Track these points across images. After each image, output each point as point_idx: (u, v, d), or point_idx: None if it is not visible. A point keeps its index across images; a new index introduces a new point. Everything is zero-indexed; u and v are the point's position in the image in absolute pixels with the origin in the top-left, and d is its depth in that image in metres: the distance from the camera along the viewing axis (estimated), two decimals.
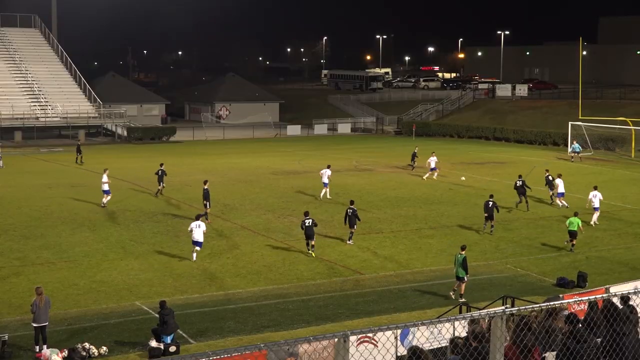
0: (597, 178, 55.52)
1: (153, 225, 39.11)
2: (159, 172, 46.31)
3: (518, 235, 37.76)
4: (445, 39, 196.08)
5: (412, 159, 58.29)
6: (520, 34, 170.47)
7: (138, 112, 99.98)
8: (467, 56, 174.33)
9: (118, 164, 61.98)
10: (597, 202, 39.86)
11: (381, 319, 25.05)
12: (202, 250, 33.88)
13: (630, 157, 67.05)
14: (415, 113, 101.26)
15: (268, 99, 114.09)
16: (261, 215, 41.56)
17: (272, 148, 76.49)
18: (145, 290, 28.43)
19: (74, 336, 23.49)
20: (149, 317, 24.90)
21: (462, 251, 27.96)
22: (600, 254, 34.42)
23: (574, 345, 9.76)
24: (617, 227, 39.57)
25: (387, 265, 32.29)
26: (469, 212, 42.98)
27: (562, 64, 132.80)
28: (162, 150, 67.89)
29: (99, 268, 31.17)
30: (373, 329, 7.76)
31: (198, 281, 29.67)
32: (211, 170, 58.60)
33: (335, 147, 78.78)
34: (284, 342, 7.05)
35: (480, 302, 24.90)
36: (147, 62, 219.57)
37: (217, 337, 23.51)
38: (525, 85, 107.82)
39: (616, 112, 77.14)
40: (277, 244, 35.46)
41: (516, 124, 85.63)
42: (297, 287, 29.23)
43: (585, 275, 29.81)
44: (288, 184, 51.99)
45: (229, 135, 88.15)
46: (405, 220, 40.51)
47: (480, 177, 55.27)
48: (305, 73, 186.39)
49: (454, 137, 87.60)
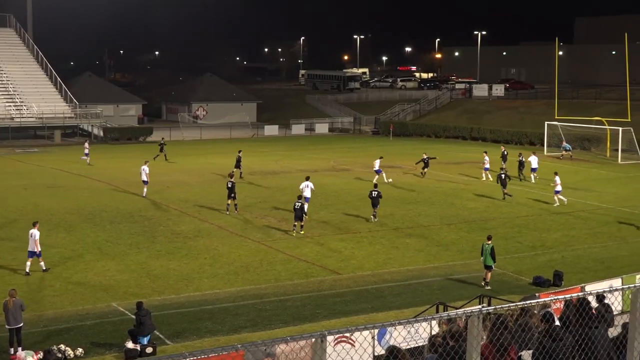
0: (573, 177, 55.93)
1: (130, 225, 38.92)
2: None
3: (494, 235, 37.62)
4: (423, 39, 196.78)
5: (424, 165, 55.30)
6: (497, 34, 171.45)
7: (114, 112, 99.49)
8: (445, 56, 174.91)
9: (95, 164, 61.68)
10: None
11: (358, 318, 25.07)
12: (179, 251, 33.80)
13: (605, 156, 67.54)
14: (392, 113, 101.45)
15: (245, 99, 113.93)
16: (238, 216, 41.46)
17: (249, 148, 76.24)
18: (121, 291, 28.28)
19: (49, 338, 23.32)
20: (125, 319, 24.76)
21: (489, 241, 29.28)
22: (576, 253, 34.64)
23: (549, 343, 9.80)
24: (593, 226, 39.84)
25: (365, 265, 32.32)
26: (446, 211, 43.13)
27: (538, 64, 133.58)
28: (138, 151, 67.57)
29: (75, 269, 30.97)
30: (350, 328, 7.75)
31: (175, 282, 29.56)
32: (188, 171, 58.45)
33: (312, 147, 78.80)
34: (261, 342, 7.02)
35: (457, 302, 24.97)
36: (123, 62, 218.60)
37: (194, 338, 23.43)
38: (502, 85, 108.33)
39: (592, 112, 77.69)
40: (254, 244, 35.39)
41: (493, 124, 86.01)
42: (274, 288, 29.19)
43: (561, 274, 29.99)
44: (266, 184, 51.92)
45: (206, 135, 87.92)
46: (382, 220, 40.55)
47: (457, 177, 55.45)
48: (283, 73, 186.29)
49: (431, 137, 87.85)
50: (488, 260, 29.10)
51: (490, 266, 29.15)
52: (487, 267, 29.25)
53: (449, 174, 56.94)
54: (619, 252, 34.83)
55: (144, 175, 46.62)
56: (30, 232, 30.58)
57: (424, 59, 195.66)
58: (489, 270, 29.22)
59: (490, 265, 29.12)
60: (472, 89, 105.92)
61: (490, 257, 29.01)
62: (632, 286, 8.96)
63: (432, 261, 33.16)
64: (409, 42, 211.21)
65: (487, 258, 29.13)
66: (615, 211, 43.59)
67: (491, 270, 29.25)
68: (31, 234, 30.46)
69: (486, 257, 29.13)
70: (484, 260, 29.36)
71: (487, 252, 29.06)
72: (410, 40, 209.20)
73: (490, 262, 29.07)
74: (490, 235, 30.23)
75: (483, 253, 29.39)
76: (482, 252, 29.46)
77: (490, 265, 29.12)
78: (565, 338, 9.97)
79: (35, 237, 30.24)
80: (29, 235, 30.60)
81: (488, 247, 29.12)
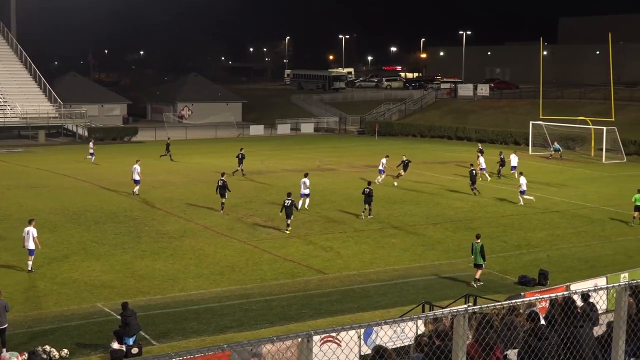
0: (557, 177, 56.21)
1: (115, 226, 38.79)
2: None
3: (480, 234, 37.93)
4: (408, 38, 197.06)
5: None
6: (482, 34, 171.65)
7: (99, 112, 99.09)
8: (430, 56, 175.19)
9: (79, 165, 61.47)
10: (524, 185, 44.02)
11: (344, 318, 25.09)
12: (164, 251, 33.71)
13: (590, 156, 67.86)
14: (378, 113, 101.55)
15: (231, 99, 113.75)
16: (224, 216, 41.41)
17: (235, 148, 76.14)
18: (106, 291, 28.18)
19: (34, 339, 23.21)
20: (110, 319, 24.68)
21: (478, 240, 29.70)
22: (561, 252, 34.79)
23: (535, 342, 9.83)
24: (578, 226, 40.02)
25: (351, 265, 32.34)
26: (432, 211, 43.23)
27: (523, 64, 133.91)
28: (123, 151, 67.41)
29: (60, 270, 30.84)
30: (336, 328, 7.75)
31: (160, 282, 29.48)
32: (173, 171, 58.32)
33: (298, 147, 78.76)
34: (247, 342, 7.01)
35: (443, 301, 25.03)
36: (108, 62, 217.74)
37: (180, 339, 23.38)
38: (487, 85, 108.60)
39: (576, 111, 78.01)
40: (240, 245, 35.35)
41: (478, 124, 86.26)
42: (260, 288, 29.16)
43: (546, 273, 30.11)
44: (251, 184, 51.87)
45: (191, 135, 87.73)
46: (368, 220, 40.59)
47: (443, 177, 55.58)
48: (268, 73, 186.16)
49: (417, 136, 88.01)
50: (478, 259, 29.34)
51: (480, 265, 29.43)
52: (477, 265, 29.51)
53: (435, 173, 57.06)
54: (603, 251, 35.01)
55: (136, 174, 46.74)
56: (27, 229, 30.58)
57: (409, 59, 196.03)
58: (479, 268, 29.49)
59: (481, 264, 29.41)
60: (457, 88, 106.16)
61: (480, 255, 29.30)
62: (617, 285, 9.00)
63: (418, 260, 33.23)
64: (394, 42, 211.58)
65: (477, 257, 29.37)
66: (600, 210, 43.80)
67: (482, 268, 29.54)
68: (27, 232, 30.47)
69: (476, 255, 29.38)
70: (474, 259, 29.59)
71: (477, 250, 29.35)
72: (395, 40, 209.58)
73: (480, 261, 29.36)
74: (479, 234, 30.53)
75: (473, 252, 29.61)
76: (472, 251, 29.69)
77: (480, 264, 29.41)
78: (550, 337, 10.01)
79: (33, 234, 30.28)
80: (24, 234, 30.56)
81: (478, 245, 29.43)
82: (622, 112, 73.14)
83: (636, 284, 10.74)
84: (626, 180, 55.21)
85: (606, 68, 72.94)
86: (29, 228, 30.60)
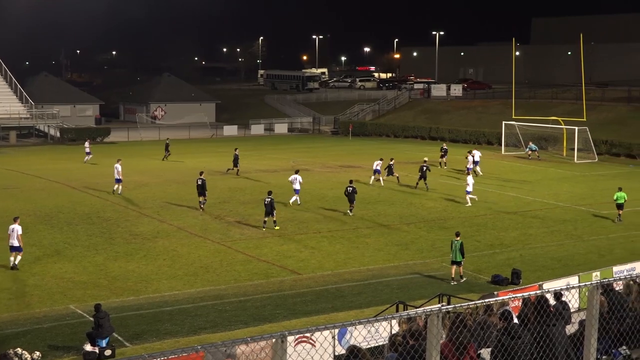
0: (530, 176, 56.56)
1: (87, 227, 38.53)
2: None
3: (453, 234, 38.07)
4: (381, 39, 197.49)
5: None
6: (455, 35, 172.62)
7: (71, 113, 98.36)
8: (403, 56, 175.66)
9: (51, 166, 61.03)
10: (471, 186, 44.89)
11: (319, 318, 25.08)
12: (138, 252, 33.54)
13: (562, 155, 68.33)
14: (351, 113, 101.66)
15: (204, 99, 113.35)
16: (198, 216, 41.28)
17: (208, 149, 76.07)
18: (79, 293, 27.99)
19: (5, 341, 22.99)
20: (83, 321, 24.52)
21: (457, 237, 30.01)
22: (534, 251, 35.01)
23: (508, 341, 9.88)
24: (550, 225, 40.29)
25: (325, 265, 32.36)
26: (405, 211, 43.35)
27: (495, 64, 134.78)
28: (96, 152, 66.83)
29: (32, 272, 30.58)
30: (311, 328, 7.74)
31: (134, 283, 29.33)
32: (147, 172, 58.01)
33: (272, 147, 78.63)
34: (221, 343, 6.98)
35: (417, 300, 25.11)
36: (80, 62, 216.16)
37: (154, 340, 23.27)
38: (460, 85, 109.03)
39: (548, 111, 78.57)
40: (214, 245, 35.25)
41: (451, 124, 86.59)
42: (234, 288, 29.10)
43: (519, 272, 30.30)
44: (225, 184, 51.70)
45: (164, 135, 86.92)
46: (342, 220, 40.64)
47: (416, 177, 55.65)
48: (242, 73, 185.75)
49: (390, 136, 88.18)
50: (458, 256, 29.66)
51: (459, 262, 29.75)
52: (455, 262, 29.84)
53: (408, 173, 57.17)
54: (575, 250, 35.29)
55: (117, 173, 47.03)
56: (12, 227, 30.97)
57: (382, 59, 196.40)
58: (458, 265, 29.86)
59: (460, 261, 29.73)
60: (430, 89, 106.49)
61: (459, 252, 29.61)
62: (589, 284, 9.07)
63: (392, 260, 33.30)
64: (368, 42, 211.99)
65: (456, 254, 29.65)
66: (572, 210, 44.14)
67: (460, 265, 29.90)
68: (12, 229, 30.86)
69: (455, 253, 29.65)
70: (453, 256, 29.87)
71: (457, 248, 29.64)
72: (368, 40, 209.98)
73: (459, 258, 29.68)
74: (458, 232, 30.85)
75: (452, 249, 29.89)
76: (452, 248, 29.95)
77: (459, 261, 29.72)
78: (523, 336, 10.06)
79: (18, 231, 30.71)
80: (9, 231, 30.97)
81: (457, 243, 29.69)
82: (593, 112, 73.74)
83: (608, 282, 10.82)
84: (598, 180, 55.73)
85: (578, 68, 73.47)
86: (13, 226, 31.04)
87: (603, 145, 69.05)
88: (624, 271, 27.25)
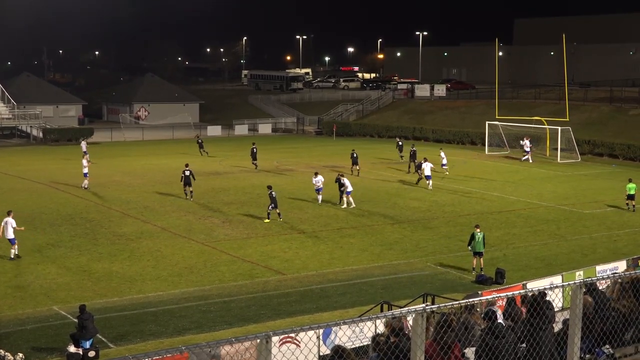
0: (513, 176, 56.76)
1: (70, 228, 38.37)
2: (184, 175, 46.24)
3: (437, 234, 38.25)
4: (365, 39, 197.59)
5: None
6: (438, 35, 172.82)
7: (54, 113, 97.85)
8: (387, 56, 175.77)
9: (34, 166, 60.73)
10: (429, 170, 48.86)
11: (303, 319, 25.08)
12: (122, 253, 33.43)
13: (545, 155, 68.60)
14: (335, 113, 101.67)
15: (188, 100, 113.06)
16: (182, 217, 41.19)
17: (192, 149, 75.82)
18: (63, 294, 27.87)
19: None
20: (67, 322, 24.42)
21: (478, 229, 31.60)
22: (518, 251, 35.14)
23: (492, 341, 9.92)
24: (534, 225, 40.45)
25: (309, 265, 32.36)
26: (389, 211, 43.40)
27: (478, 65, 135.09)
28: (79, 152, 66.54)
29: (14, 273, 30.43)
30: (295, 329, 7.74)
31: (118, 284, 29.23)
32: (130, 172, 57.84)
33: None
34: (205, 344, 6.97)
35: (402, 300, 25.15)
36: (63, 62, 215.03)
37: (138, 341, 23.21)
38: (444, 85, 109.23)
39: (531, 111, 78.86)
40: (198, 246, 35.19)
41: (435, 124, 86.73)
42: (218, 289, 29.06)
43: (503, 272, 30.42)
44: (209, 185, 51.61)
45: (148, 136, 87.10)
46: (326, 220, 40.66)
47: (400, 176, 55.78)
48: (225, 73, 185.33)
49: (374, 137, 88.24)
50: (480, 247, 31.00)
51: (481, 252, 31.10)
52: (478, 253, 31.14)
53: (392, 173, 57.30)
54: (559, 250, 35.45)
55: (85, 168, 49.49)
56: (5, 220, 32.13)
57: (366, 60, 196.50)
58: (480, 256, 31.16)
59: (482, 251, 31.10)
60: (414, 89, 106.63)
61: (482, 244, 31.00)
62: (572, 283, 9.11)
63: (376, 260, 33.34)
64: (351, 43, 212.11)
65: (479, 245, 31.00)
66: (555, 209, 44.32)
67: (482, 256, 31.18)
68: (5, 222, 32.04)
69: (479, 244, 30.84)
70: (475, 247, 31.00)
71: (480, 239, 31.00)
72: (352, 40, 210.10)
73: (482, 249, 31.04)
74: (478, 224, 32.38)
75: (472, 241, 31.17)
76: (471, 240, 31.30)
77: (481, 251, 31.09)
78: (507, 335, 10.10)
79: (12, 224, 31.93)
80: (2, 224, 32.08)
81: (481, 234, 31.12)
82: (576, 112, 74.08)
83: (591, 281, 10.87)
84: (581, 180, 55.99)
85: (560, 69, 73.80)
86: (7, 219, 32.15)
87: (586, 145, 69.38)
88: (607, 270, 27.41)
